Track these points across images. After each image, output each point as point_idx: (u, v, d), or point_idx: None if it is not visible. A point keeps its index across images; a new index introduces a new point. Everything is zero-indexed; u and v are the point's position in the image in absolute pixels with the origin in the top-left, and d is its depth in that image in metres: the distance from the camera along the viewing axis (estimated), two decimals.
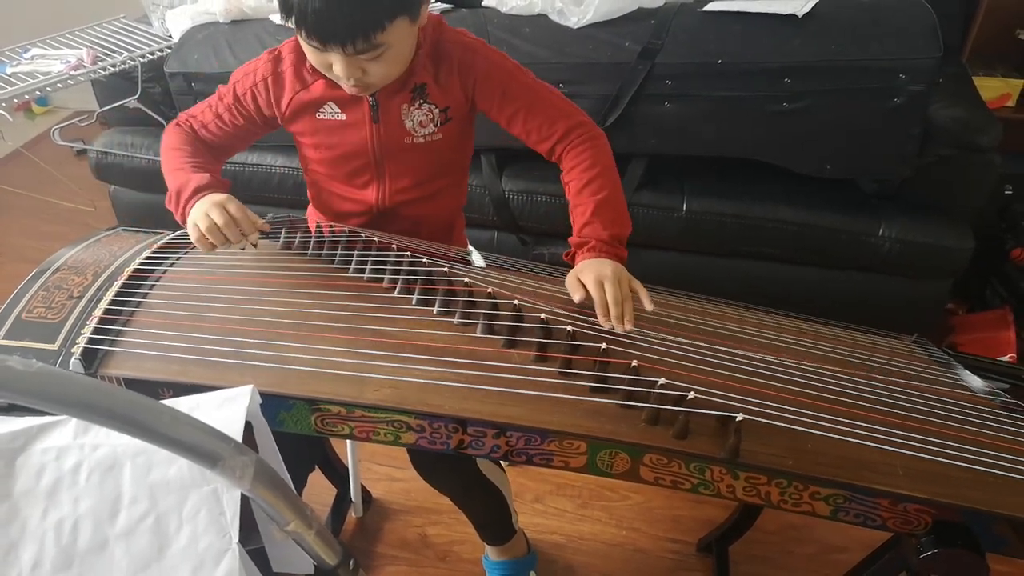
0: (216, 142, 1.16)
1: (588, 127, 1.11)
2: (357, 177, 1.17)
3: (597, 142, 1.10)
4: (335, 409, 0.85)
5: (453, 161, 1.20)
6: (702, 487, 0.83)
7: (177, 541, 0.53)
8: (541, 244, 1.92)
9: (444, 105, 1.10)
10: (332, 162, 1.17)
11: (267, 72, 1.11)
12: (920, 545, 0.82)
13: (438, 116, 1.11)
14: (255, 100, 1.12)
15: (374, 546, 1.60)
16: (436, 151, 1.14)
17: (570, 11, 1.73)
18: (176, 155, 1.09)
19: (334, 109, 1.10)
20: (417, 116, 1.10)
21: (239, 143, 1.19)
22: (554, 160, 1.13)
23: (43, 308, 0.94)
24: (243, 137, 1.18)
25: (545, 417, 0.83)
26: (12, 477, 0.55)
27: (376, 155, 1.13)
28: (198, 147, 1.12)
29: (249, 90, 1.12)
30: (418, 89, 1.08)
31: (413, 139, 1.12)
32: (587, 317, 0.96)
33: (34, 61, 1.97)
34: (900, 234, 1.71)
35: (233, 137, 1.17)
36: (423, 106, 1.09)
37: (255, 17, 1.96)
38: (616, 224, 1.04)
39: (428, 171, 1.17)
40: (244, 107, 1.13)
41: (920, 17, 1.60)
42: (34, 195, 2.90)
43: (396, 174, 1.15)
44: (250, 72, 1.12)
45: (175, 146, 1.11)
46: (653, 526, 1.64)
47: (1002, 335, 1.95)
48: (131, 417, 0.42)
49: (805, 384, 0.90)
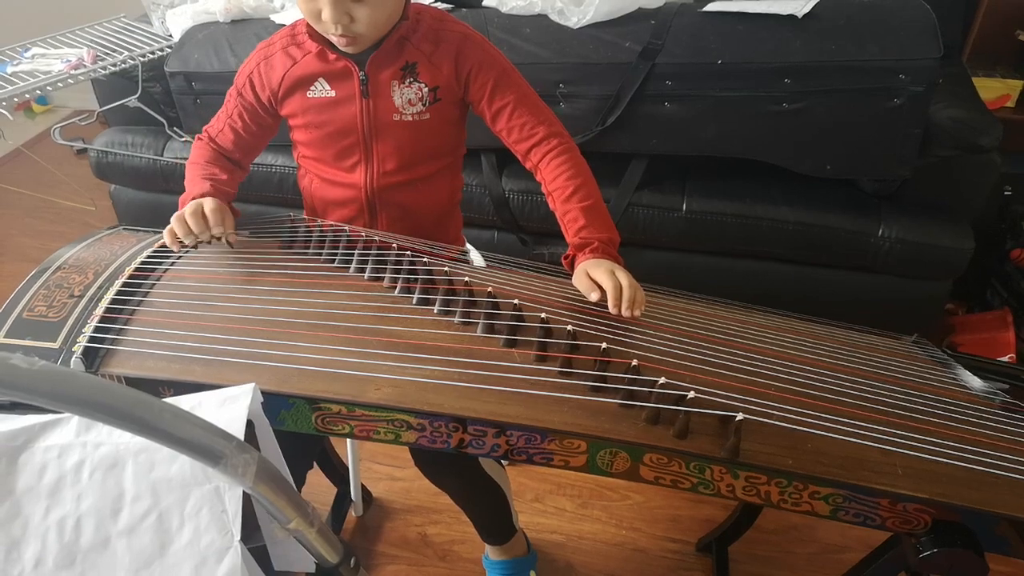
0: (235, 145, 1.19)
1: (566, 139, 1.14)
2: (346, 158, 1.18)
3: (575, 154, 1.13)
4: (336, 408, 0.85)
5: (441, 147, 1.21)
6: (702, 486, 0.83)
7: (179, 539, 0.53)
8: (541, 244, 1.92)
9: (434, 85, 1.12)
10: (321, 142, 1.18)
11: (259, 58, 1.15)
12: (920, 545, 0.82)
13: (427, 95, 1.12)
14: (253, 89, 1.15)
15: (374, 545, 1.60)
16: (424, 131, 1.15)
17: (570, 11, 1.73)
18: (191, 169, 1.15)
19: (324, 86, 1.12)
20: (407, 94, 1.11)
21: (258, 140, 1.22)
22: (529, 165, 1.16)
23: (44, 307, 0.94)
24: (258, 133, 1.20)
25: (545, 416, 0.83)
26: (14, 475, 0.55)
27: (365, 132, 1.14)
28: (214, 157, 1.18)
29: (247, 81, 1.15)
30: (409, 67, 1.10)
31: (401, 116, 1.13)
32: (587, 316, 0.96)
33: (34, 60, 1.97)
34: (900, 234, 1.71)
35: (250, 135, 1.19)
36: (413, 84, 1.11)
37: (255, 16, 1.97)
38: (610, 229, 1.07)
39: (415, 153, 1.17)
40: (246, 100, 1.17)
41: (920, 18, 1.61)
42: (34, 194, 2.90)
43: (384, 154, 1.16)
44: (244, 67, 1.17)
45: (192, 160, 1.17)
46: (653, 526, 1.64)
47: (1002, 336, 1.95)
48: (133, 414, 0.42)
49: (805, 384, 0.91)
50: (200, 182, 1.10)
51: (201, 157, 1.17)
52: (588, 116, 1.73)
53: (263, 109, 1.17)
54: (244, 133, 1.18)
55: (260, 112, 1.18)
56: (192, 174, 1.14)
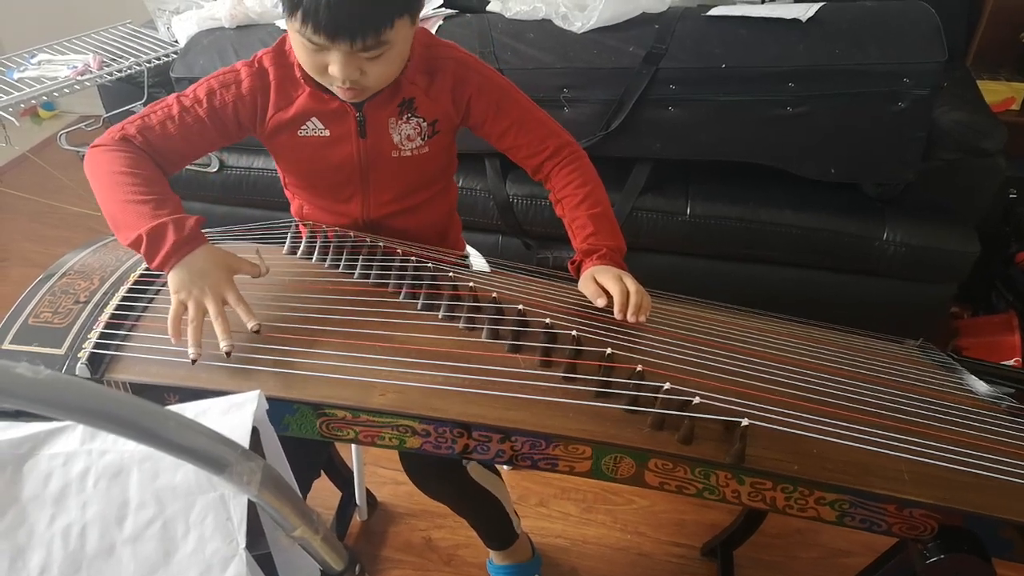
0: (176, 155, 1.05)
1: (575, 147, 1.14)
2: (340, 191, 1.15)
3: (584, 162, 1.13)
4: (340, 413, 0.85)
5: (438, 174, 1.19)
6: (707, 492, 0.83)
7: (184, 547, 0.53)
8: (545, 248, 1.92)
9: (433, 118, 1.09)
10: (313, 177, 1.15)
11: (253, 86, 1.05)
12: (926, 551, 0.82)
13: (426, 129, 1.09)
14: (236, 113, 1.05)
15: (379, 550, 1.60)
16: (422, 164, 1.13)
17: (574, 16, 1.73)
18: (125, 181, 0.95)
19: (317, 125, 1.07)
20: (405, 130, 1.08)
21: (197, 155, 1.09)
22: (539, 177, 1.15)
23: (50, 313, 0.95)
24: (204, 148, 1.09)
25: (550, 421, 0.83)
26: (20, 483, 0.55)
27: (361, 169, 1.11)
28: (151, 169, 1.00)
29: (232, 103, 1.05)
30: (406, 103, 1.06)
31: (400, 152, 1.10)
32: (592, 322, 0.96)
33: (41, 66, 1.98)
34: (904, 238, 1.71)
35: (196, 148, 1.07)
36: (411, 119, 1.08)
37: (260, 23, 1.97)
38: (618, 237, 1.07)
39: (413, 184, 1.16)
40: (222, 119, 1.05)
41: (924, 21, 1.60)
42: (40, 199, 2.91)
43: (380, 187, 1.14)
44: (231, 84, 1.05)
45: (121, 169, 0.97)
46: (657, 530, 1.64)
47: (1007, 339, 1.95)
48: (138, 424, 0.42)
49: (810, 389, 0.90)
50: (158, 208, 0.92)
51: (134, 166, 0.97)
52: (592, 121, 1.73)
53: (236, 132, 1.08)
54: (197, 144, 1.06)
55: (230, 133, 1.07)
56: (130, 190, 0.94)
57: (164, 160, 1.04)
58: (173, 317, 0.87)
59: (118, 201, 0.94)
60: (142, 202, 0.93)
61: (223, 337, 0.86)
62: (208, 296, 0.88)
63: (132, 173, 0.96)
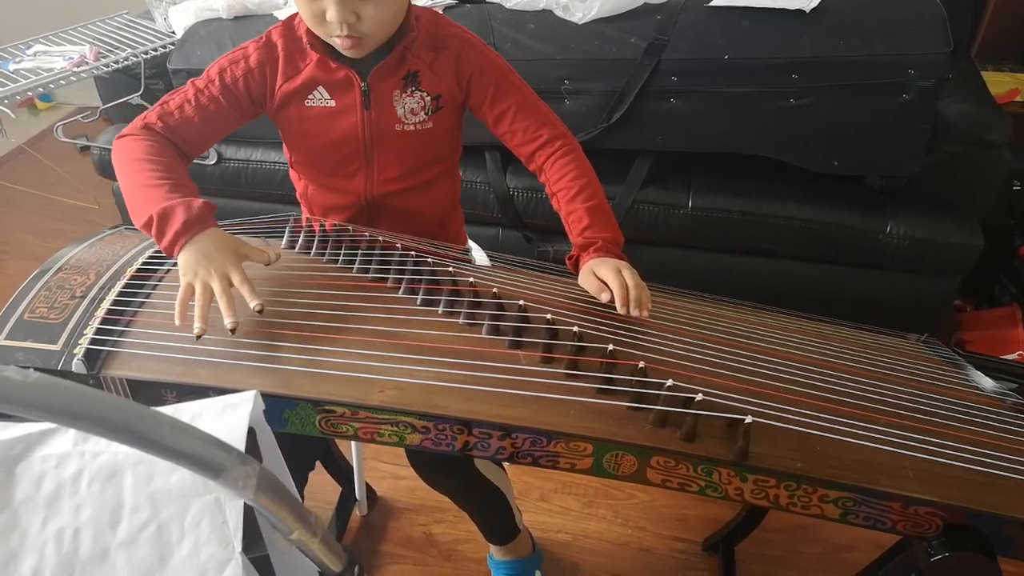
0: (197, 136, 1.08)
1: (570, 139, 1.13)
2: (345, 166, 1.16)
3: (579, 154, 1.12)
4: (340, 410, 0.84)
5: (441, 153, 1.20)
6: (710, 489, 0.83)
7: (179, 551, 0.52)
8: (546, 241, 1.91)
9: (436, 93, 1.10)
10: (318, 150, 1.15)
11: (261, 58, 1.08)
12: (931, 548, 0.81)
13: (430, 104, 1.10)
14: (247, 87, 1.08)
15: (379, 545, 1.59)
16: (426, 140, 1.14)
17: (575, 6, 1.72)
18: (144, 167, 0.98)
19: (323, 95, 1.09)
20: (409, 103, 1.10)
21: (218, 135, 1.12)
22: (533, 167, 1.15)
23: (45, 308, 0.93)
24: (224, 128, 1.11)
25: (551, 419, 0.82)
26: (12, 485, 0.54)
27: (365, 143, 1.12)
28: (170, 155, 1.02)
29: (241, 77, 1.07)
30: (411, 76, 1.08)
31: (404, 126, 1.11)
32: (593, 317, 0.95)
33: (37, 58, 1.97)
34: (908, 231, 1.69)
35: (216, 128, 1.10)
36: (415, 93, 1.09)
37: (258, 13, 1.95)
38: (614, 230, 1.06)
39: (416, 160, 1.16)
40: (234, 94, 1.08)
41: (929, 12, 1.59)
42: (37, 192, 2.90)
43: (384, 163, 1.14)
44: (239, 59, 1.08)
45: (140, 156, 0.99)
46: (659, 525, 1.63)
47: (1010, 333, 1.94)
48: (131, 428, 0.41)
49: (814, 385, 0.89)
50: (172, 192, 0.94)
51: (153, 153, 1.00)
52: (593, 113, 1.72)
53: (250, 108, 1.11)
54: (216, 125, 1.09)
55: (245, 109, 1.10)
56: (147, 175, 0.96)
57: (186, 143, 1.07)
58: (181, 300, 0.87)
59: (136, 186, 0.97)
60: (157, 186, 0.95)
61: (227, 314, 0.86)
62: (214, 277, 0.88)
63: (150, 159, 0.99)
